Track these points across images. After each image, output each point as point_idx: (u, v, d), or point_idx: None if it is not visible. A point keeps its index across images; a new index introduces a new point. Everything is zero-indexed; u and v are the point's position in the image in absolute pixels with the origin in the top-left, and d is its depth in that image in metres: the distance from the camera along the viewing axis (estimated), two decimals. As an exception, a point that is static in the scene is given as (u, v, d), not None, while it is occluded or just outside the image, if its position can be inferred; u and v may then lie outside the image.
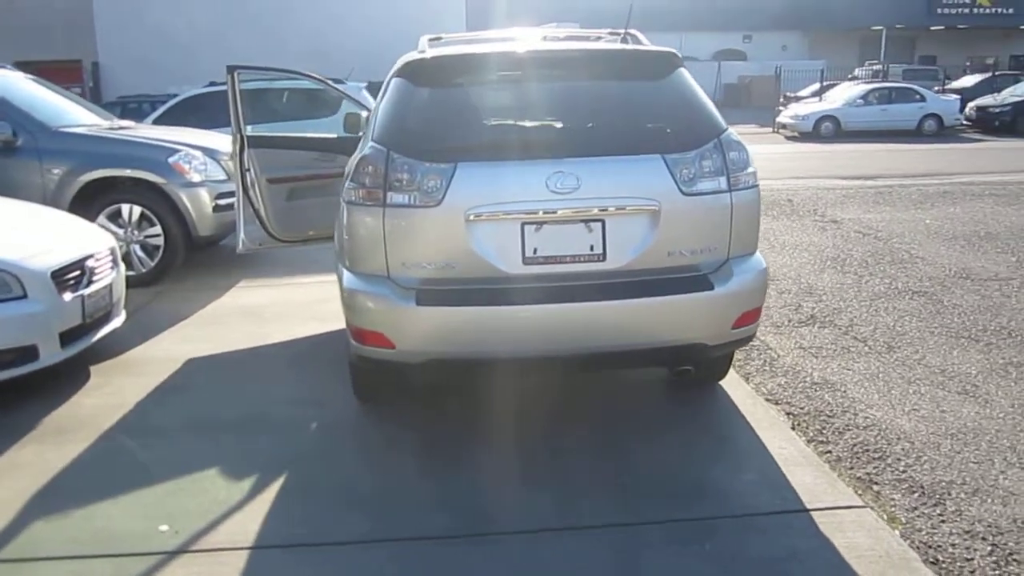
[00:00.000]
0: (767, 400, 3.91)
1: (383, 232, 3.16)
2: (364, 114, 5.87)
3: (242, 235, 5.47)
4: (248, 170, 5.38)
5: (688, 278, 3.24)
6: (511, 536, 2.81)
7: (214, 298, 6.05)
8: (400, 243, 3.17)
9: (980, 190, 10.55)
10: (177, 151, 6.32)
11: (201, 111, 9.77)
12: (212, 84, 10.96)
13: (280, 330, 5.25)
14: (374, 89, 7.56)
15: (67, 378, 4.28)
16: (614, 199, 3.17)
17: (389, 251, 3.17)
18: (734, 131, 3.36)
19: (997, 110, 21.61)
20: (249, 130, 5.41)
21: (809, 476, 3.14)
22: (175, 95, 12.38)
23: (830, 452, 3.38)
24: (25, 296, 3.94)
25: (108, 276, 4.58)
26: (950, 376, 4.17)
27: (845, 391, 4.01)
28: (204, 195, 6.33)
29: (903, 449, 3.38)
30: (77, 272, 4.27)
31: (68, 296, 4.17)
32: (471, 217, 3.13)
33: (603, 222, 3.17)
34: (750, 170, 3.32)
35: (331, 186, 5.63)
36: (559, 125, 3.43)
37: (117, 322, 4.63)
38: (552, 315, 3.12)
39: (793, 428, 3.62)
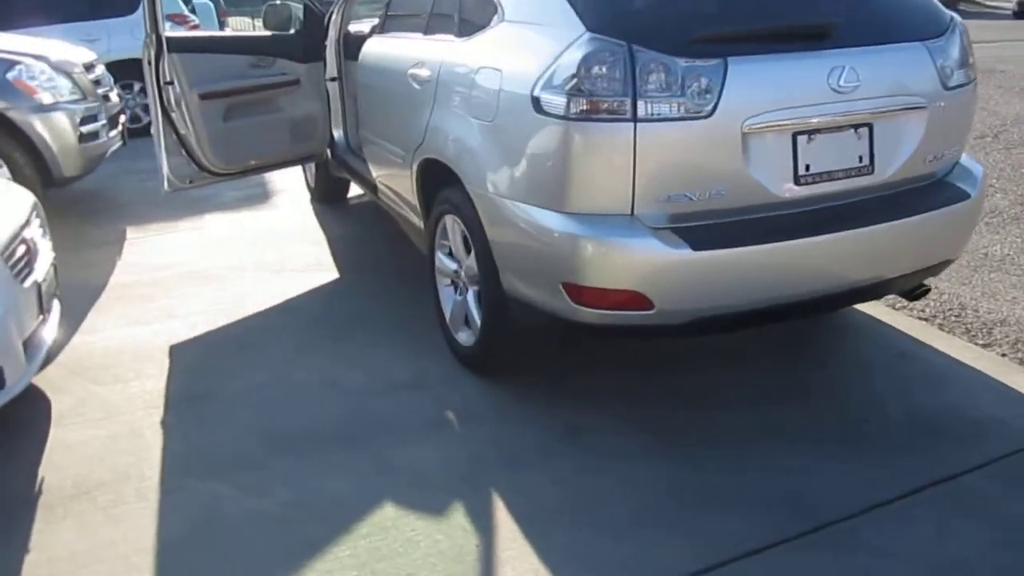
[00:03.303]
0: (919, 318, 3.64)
1: (632, 156, 2.31)
2: (295, 5, 4.60)
3: (166, 170, 4.10)
4: (171, 83, 3.97)
5: (949, 187, 2.77)
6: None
7: (114, 257, 4.55)
8: (655, 169, 2.34)
9: None
10: (15, 63, 4.53)
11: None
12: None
13: (246, 287, 4.03)
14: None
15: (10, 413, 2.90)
16: (887, 98, 2.58)
17: (639, 181, 2.33)
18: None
19: None
20: (168, 29, 3.97)
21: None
22: None
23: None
24: (-28, 294, 2.52)
25: (47, 248, 3.12)
26: None
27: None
28: (64, 121, 4.66)
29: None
30: (23, 249, 2.82)
31: (26, 284, 2.75)
32: (747, 129, 2.38)
33: (870, 127, 2.57)
34: (972, 59, 2.89)
35: (274, 101, 4.44)
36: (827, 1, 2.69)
37: (57, 312, 3.20)
38: (836, 246, 2.51)
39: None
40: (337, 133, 4.82)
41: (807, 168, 2.49)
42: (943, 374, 3.11)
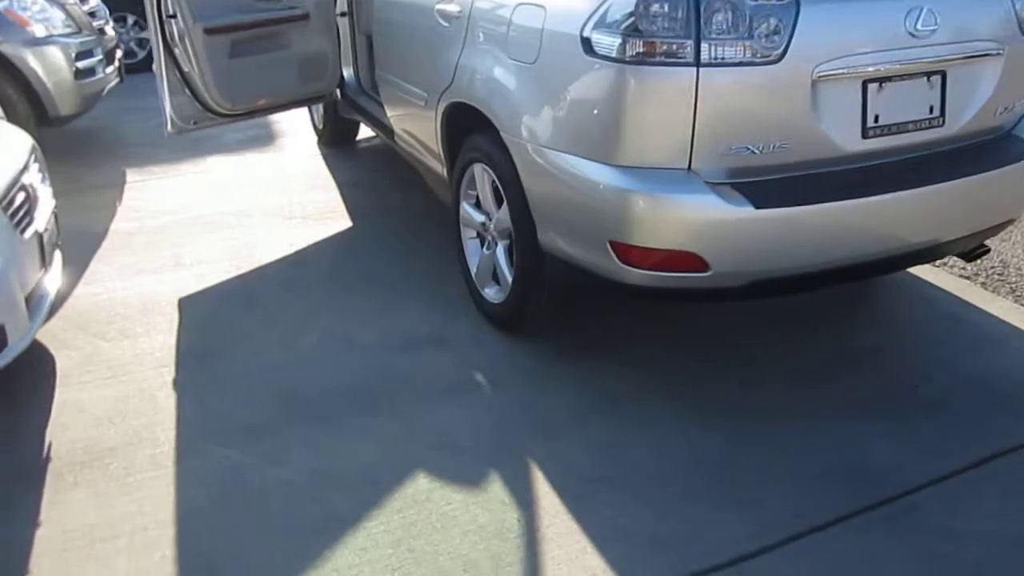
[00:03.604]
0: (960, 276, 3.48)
1: (693, 105, 2.10)
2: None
3: (168, 110, 3.86)
4: (173, 16, 3.71)
5: (1017, 142, 2.58)
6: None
7: (114, 201, 4.33)
8: (717, 120, 2.14)
9: None
10: (4, -9, 4.26)
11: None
12: None
13: (255, 235, 3.85)
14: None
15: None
16: (963, 43, 2.37)
17: (699, 132, 2.13)
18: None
19: None
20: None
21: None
22: None
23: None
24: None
25: (47, 195, 2.92)
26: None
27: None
28: (59, 56, 4.39)
29: None
30: (23, 197, 2.62)
31: (27, 235, 2.56)
32: (818, 76, 2.17)
33: (943, 75, 2.37)
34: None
35: (282, 36, 4.16)
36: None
37: (59, 262, 3.01)
38: (902, 205, 2.32)
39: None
40: (347, 72, 4.57)
41: (876, 119, 2.29)
42: (992, 337, 2.96)
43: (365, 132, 5.26)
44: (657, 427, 2.44)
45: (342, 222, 4.06)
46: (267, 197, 4.38)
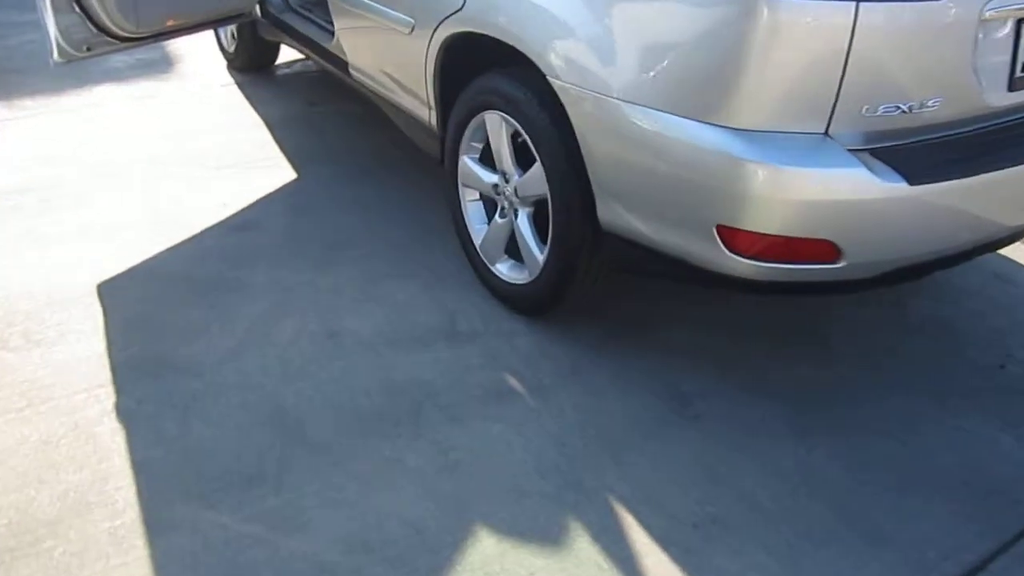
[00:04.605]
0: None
1: (846, 49, 1.60)
2: None
3: (54, 33, 3.02)
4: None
5: None
6: None
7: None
8: (872, 69, 1.64)
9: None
10: None
11: None
12: None
13: (178, 190, 3.12)
14: None
15: None
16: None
17: (847, 86, 1.64)
18: None
19: None
20: None
21: None
22: None
23: None
24: None
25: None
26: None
27: None
28: None
29: None
30: None
31: None
32: (988, 15, 1.70)
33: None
34: None
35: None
36: None
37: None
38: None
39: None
40: (270, -16, 3.78)
41: (1022, 68, 1.86)
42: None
43: (287, 54, 4.47)
44: (751, 442, 2.01)
45: (282, 171, 3.36)
46: (181, 140, 3.60)
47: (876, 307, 2.57)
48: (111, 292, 2.52)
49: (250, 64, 4.41)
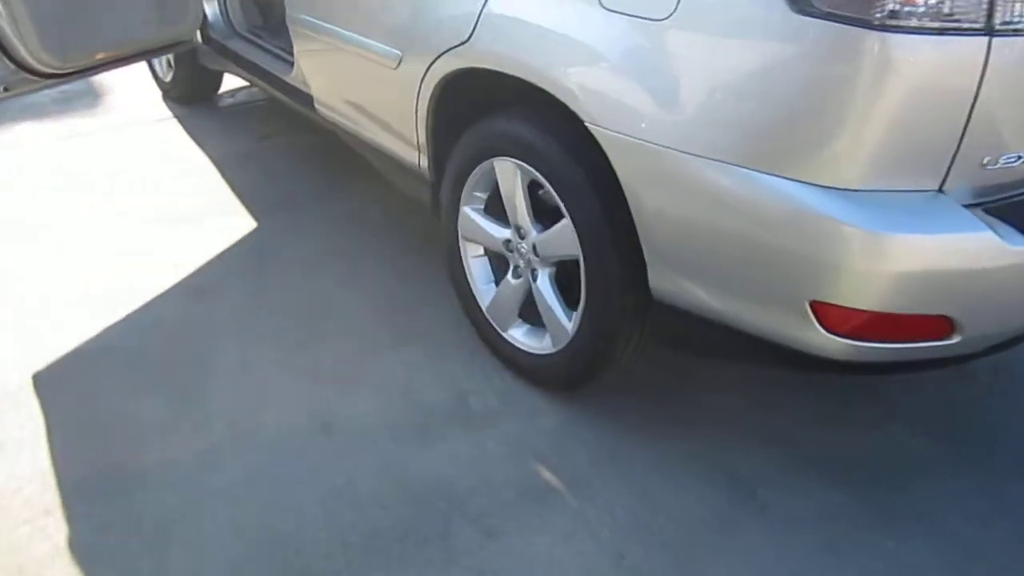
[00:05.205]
0: None
1: (975, 91, 1.34)
2: None
3: (-35, 74, 2.57)
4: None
5: None
6: None
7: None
8: (999, 114, 1.38)
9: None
10: None
11: None
12: None
13: (123, 247, 2.68)
14: None
15: None
16: None
17: (971, 133, 1.38)
18: None
19: None
20: None
21: None
22: None
23: None
24: None
25: None
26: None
27: None
28: None
29: None
30: None
31: None
32: (1114, 45, 1.47)
33: None
34: None
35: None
36: None
37: None
38: None
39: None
40: (211, 9, 3.39)
41: None
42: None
43: (231, 81, 4.05)
44: (838, 541, 1.73)
45: (238, 221, 2.97)
46: (116, 187, 3.17)
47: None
48: (50, 384, 2.10)
49: (190, 95, 3.98)
